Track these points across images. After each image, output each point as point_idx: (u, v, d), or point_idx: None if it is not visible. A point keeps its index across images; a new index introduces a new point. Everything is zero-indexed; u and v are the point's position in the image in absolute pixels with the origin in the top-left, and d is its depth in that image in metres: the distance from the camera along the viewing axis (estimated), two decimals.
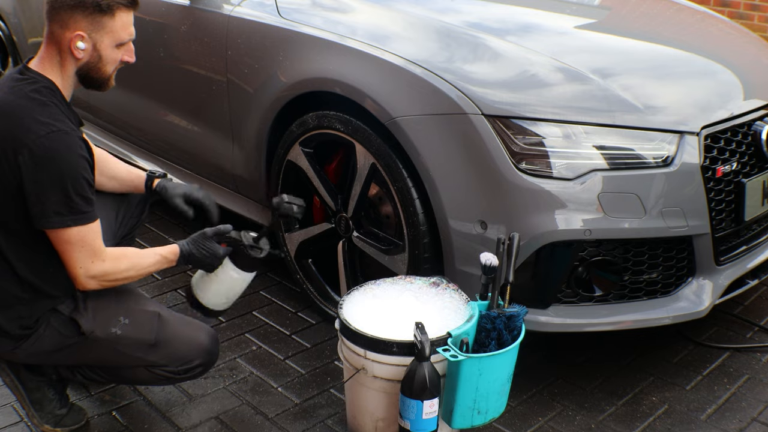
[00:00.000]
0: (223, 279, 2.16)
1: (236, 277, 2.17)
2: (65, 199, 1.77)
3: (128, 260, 1.94)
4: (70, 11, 1.83)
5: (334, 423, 2.24)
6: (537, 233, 2.14)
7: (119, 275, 1.93)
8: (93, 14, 1.84)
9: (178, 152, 3.29)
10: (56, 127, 1.77)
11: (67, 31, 1.84)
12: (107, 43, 1.88)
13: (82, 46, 1.85)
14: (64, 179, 1.76)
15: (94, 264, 1.86)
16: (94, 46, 1.87)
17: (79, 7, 1.82)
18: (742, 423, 2.25)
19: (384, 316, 2.02)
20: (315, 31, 2.59)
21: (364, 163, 2.44)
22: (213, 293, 2.20)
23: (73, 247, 1.83)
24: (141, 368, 2.04)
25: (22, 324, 1.92)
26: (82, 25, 1.84)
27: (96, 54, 1.88)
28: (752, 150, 2.40)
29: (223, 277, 2.16)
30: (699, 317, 2.32)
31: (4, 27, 4.41)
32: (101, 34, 1.86)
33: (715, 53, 2.78)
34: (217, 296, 2.21)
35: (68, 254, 1.84)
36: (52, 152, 1.74)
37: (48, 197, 1.76)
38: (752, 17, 5.76)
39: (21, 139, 1.74)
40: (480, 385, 1.89)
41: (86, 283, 1.89)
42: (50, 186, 1.76)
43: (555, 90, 2.28)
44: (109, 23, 1.86)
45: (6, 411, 2.27)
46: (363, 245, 2.55)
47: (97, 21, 1.85)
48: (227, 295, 2.22)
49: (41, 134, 1.74)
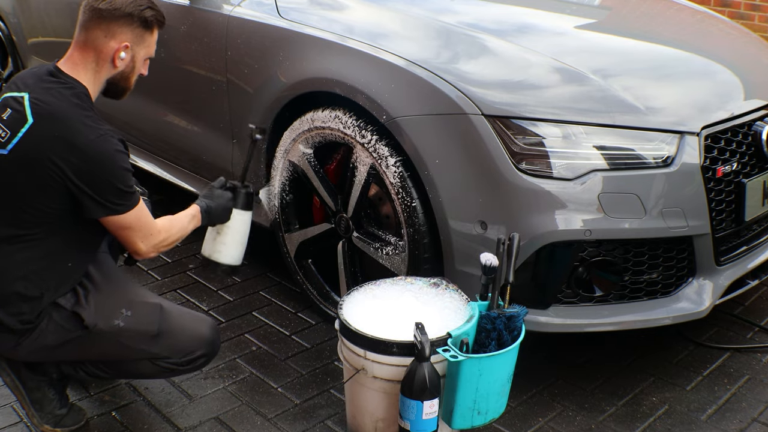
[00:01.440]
0: (234, 226, 2.33)
1: (244, 219, 2.35)
2: (117, 191, 1.88)
3: (174, 226, 2.11)
4: (120, 22, 1.95)
5: (334, 423, 2.24)
6: (537, 233, 2.14)
7: (171, 239, 2.09)
8: (139, 28, 1.98)
9: (178, 152, 3.29)
10: (102, 131, 1.87)
11: (113, 40, 1.95)
12: (142, 55, 2.04)
13: (124, 56, 1.97)
14: (115, 175, 1.87)
15: (153, 236, 2.02)
16: (132, 57, 2.00)
17: (129, 19, 1.96)
18: (743, 423, 2.25)
19: (384, 316, 2.02)
20: (315, 31, 2.59)
21: (363, 163, 2.44)
22: (230, 245, 2.35)
23: (132, 229, 1.97)
24: (144, 361, 2.05)
25: (22, 319, 1.92)
26: (128, 37, 1.97)
27: (131, 65, 2.02)
28: (752, 150, 2.40)
29: (233, 224, 2.33)
30: (699, 318, 2.32)
31: (3, 27, 4.41)
32: (141, 47, 2.01)
33: (716, 53, 2.78)
34: (234, 246, 2.36)
35: (130, 236, 1.98)
36: (102, 153, 1.85)
37: (103, 192, 1.87)
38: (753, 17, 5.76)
39: (74, 142, 1.82)
40: (480, 386, 1.89)
41: (148, 253, 2.04)
42: (103, 182, 1.87)
43: (555, 90, 2.28)
44: (148, 38, 2.02)
45: (6, 411, 2.27)
46: (363, 245, 2.55)
47: (140, 35, 1.99)
48: (242, 241, 2.38)
49: (92, 137, 1.84)
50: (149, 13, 1.99)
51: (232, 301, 2.91)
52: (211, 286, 3.00)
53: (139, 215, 1.96)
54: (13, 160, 1.85)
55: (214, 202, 2.26)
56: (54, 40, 3.92)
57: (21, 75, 1.99)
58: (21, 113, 1.85)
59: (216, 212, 2.26)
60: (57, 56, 2.03)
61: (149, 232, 2.00)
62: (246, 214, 2.36)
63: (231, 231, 2.35)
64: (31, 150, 1.83)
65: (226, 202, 2.29)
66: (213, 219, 2.27)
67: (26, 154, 1.84)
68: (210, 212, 2.24)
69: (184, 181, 3.27)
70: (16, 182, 1.85)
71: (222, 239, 2.35)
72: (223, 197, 2.29)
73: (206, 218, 2.23)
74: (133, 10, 1.95)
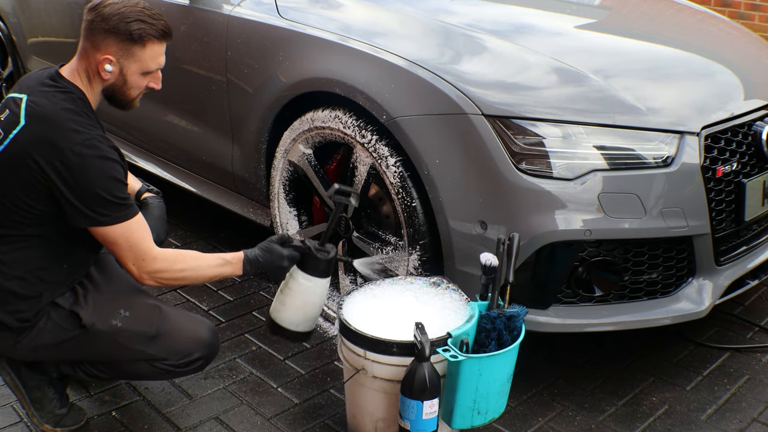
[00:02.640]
0: (296, 289, 2.11)
1: (308, 285, 2.10)
2: (101, 200, 1.82)
3: (185, 262, 1.97)
4: (103, 35, 1.89)
5: (334, 423, 2.24)
6: (537, 233, 2.14)
7: (175, 275, 1.96)
8: (124, 41, 1.90)
9: (178, 152, 3.29)
10: (91, 135, 1.83)
11: (98, 52, 1.91)
12: (134, 69, 1.94)
13: (110, 68, 1.92)
14: (99, 182, 1.81)
15: (146, 262, 1.90)
16: (121, 70, 1.93)
17: (112, 33, 1.89)
18: (743, 423, 2.25)
19: (384, 316, 2.02)
20: (315, 31, 2.59)
21: (363, 163, 2.44)
22: (289, 309, 2.14)
23: (120, 247, 1.88)
24: (142, 362, 2.05)
25: (20, 317, 1.93)
26: (113, 50, 1.90)
27: (122, 78, 1.94)
28: (752, 150, 2.40)
29: (294, 287, 2.11)
30: (699, 317, 2.32)
31: (3, 27, 4.41)
32: (130, 61, 1.93)
33: (716, 53, 2.78)
34: (294, 311, 2.14)
35: (119, 253, 1.90)
36: (87, 157, 1.80)
37: (85, 199, 1.81)
38: (753, 17, 5.76)
39: (58, 145, 1.79)
40: (480, 386, 1.89)
41: (141, 279, 1.94)
42: (85, 189, 1.81)
43: (555, 90, 2.28)
44: (138, 52, 1.92)
45: (6, 411, 2.27)
46: (363, 245, 2.55)
47: (128, 48, 1.91)
48: (304, 310, 2.15)
49: (78, 141, 1.80)
50: (136, 26, 1.89)
51: (232, 301, 2.91)
52: (211, 286, 3.00)
53: (128, 233, 1.87)
54: (4, 161, 1.85)
55: (263, 254, 2.03)
56: (54, 40, 3.92)
57: (28, 76, 2.00)
58: (16, 115, 1.85)
59: (262, 266, 2.03)
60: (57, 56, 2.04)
61: (141, 257, 1.89)
62: (315, 281, 2.09)
63: (292, 294, 2.12)
64: (19, 151, 1.83)
65: (279, 260, 2.03)
66: (261, 271, 2.06)
67: (15, 155, 1.83)
68: (256, 264, 2.02)
69: (184, 181, 3.27)
70: (5, 183, 1.85)
71: (282, 299, 2.15)
72: (275, 254, 2.03)
73: (249, 269, 2.02)
74: (118, 22, 1.88)
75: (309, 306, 2.15)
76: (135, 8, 1.92)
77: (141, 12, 1.92)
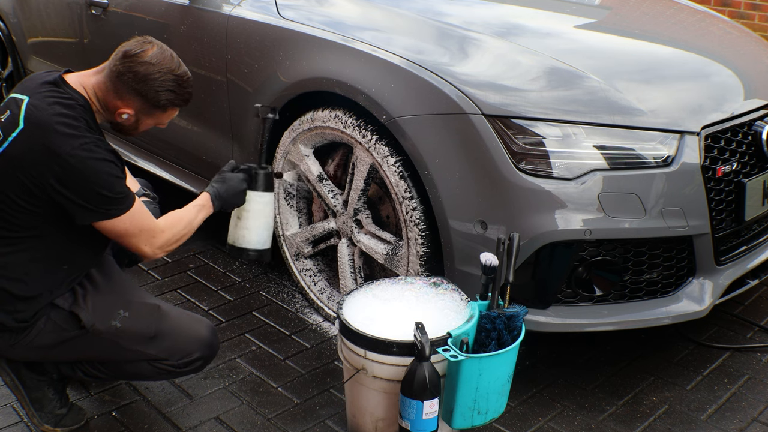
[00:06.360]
0: (255, 210, 2.26)
1: (265, 201, 2.27)
2: (102, 197, 1.85)
3: (180, 223, 2.06)
4: (131, 93, 1.93)
5: (334, 423, 2.24)
6: (537, 233, 2.14)
7: (178, 236, 2.04)
8: (149, 105, 1.96)
9: (178, 152, 3.29)
10: (87, 139, 1.84)
11: (119, 101, 1.94)
12: (149, 123, 2.03)
13: (126, 117, 1.97)
14: (98, 182, 1.83)
15: (156, 237, 1.98)
16: (136, 120, 2.00)
17: (140, 95, 1.94)
18: (743, 423, 2.25)
19: (384, 316, 2.02)
20: (315, 31, 2.59)
21: (363, 163, 2.44)
22: (254, 230, 2.27)
23: (131, 233, 1.94)
24: (142, 362, 2.05)
25: (18, 317, 1.93)
26: (135, 106, 1.96)
27: (134, 124, 2.01)
28: (752, 150, 2.40)
29: (253, 207, 2.25)
30: (699, 317, 2.32)
31: (3, 27, 4.41)
32: (147, 117, 2.01)
33: (716, 53, 2.78)
34: (259, 231, 2.28)
35: (130, 240, 1.95)
36: (84, 160, 1.81)
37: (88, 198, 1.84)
38: (753, 17, 5.76)
39: (56, 150, 1.80)
40: (480, 385, 1.89)
41: (155, 255, 2.01)
42: (86, 189, 1.83)
43: (555, 90, 2.28)
44: (158, 114, 2.01)
45: (6, 411, 2.27)
46: (363, 245, 2.55)
47: (149, 110, 1.98)
48: (267, 226, 2.30)
49: (74, 145, 1.81)
50: (165, 97, 1.95)
51: (232, 301, 2.91)
52: (212, 286, 3.00)
53: (134, 218, 1.92)
54: (2, 163, 1.85)
55: (224, 185, 2.17)
56: (54, 40, 3.92)
57: (31, 77, 1.99)
58: (16, 117, 1.85)
59: (228, 196, 2.17)
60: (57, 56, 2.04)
61: (151, 234, 1.96)
62: (265, 195, 2.26)
63: (251, 215, 2.26)
64: (17, 154, 1.83)
65: (238, 184, 2.19)
66: (226, 204, 2.18)
67: (13, 157, 1.83)
68: (221, 197, 2.15)
69: (184, 181, 3.27)
70: (4, 184, 1.85)
71: (243, 224, 2.27)
72: (233, 180, 2.19)
73: (218, 204, 2.15)
74: (149, 90, 1.92)
75: (269, 221, 2.30)
76: (169, 75, 1.94)
77: (173, 82, 1.95)
